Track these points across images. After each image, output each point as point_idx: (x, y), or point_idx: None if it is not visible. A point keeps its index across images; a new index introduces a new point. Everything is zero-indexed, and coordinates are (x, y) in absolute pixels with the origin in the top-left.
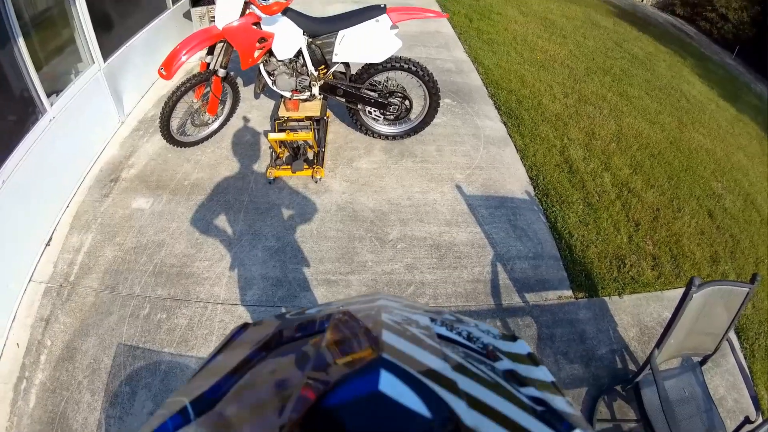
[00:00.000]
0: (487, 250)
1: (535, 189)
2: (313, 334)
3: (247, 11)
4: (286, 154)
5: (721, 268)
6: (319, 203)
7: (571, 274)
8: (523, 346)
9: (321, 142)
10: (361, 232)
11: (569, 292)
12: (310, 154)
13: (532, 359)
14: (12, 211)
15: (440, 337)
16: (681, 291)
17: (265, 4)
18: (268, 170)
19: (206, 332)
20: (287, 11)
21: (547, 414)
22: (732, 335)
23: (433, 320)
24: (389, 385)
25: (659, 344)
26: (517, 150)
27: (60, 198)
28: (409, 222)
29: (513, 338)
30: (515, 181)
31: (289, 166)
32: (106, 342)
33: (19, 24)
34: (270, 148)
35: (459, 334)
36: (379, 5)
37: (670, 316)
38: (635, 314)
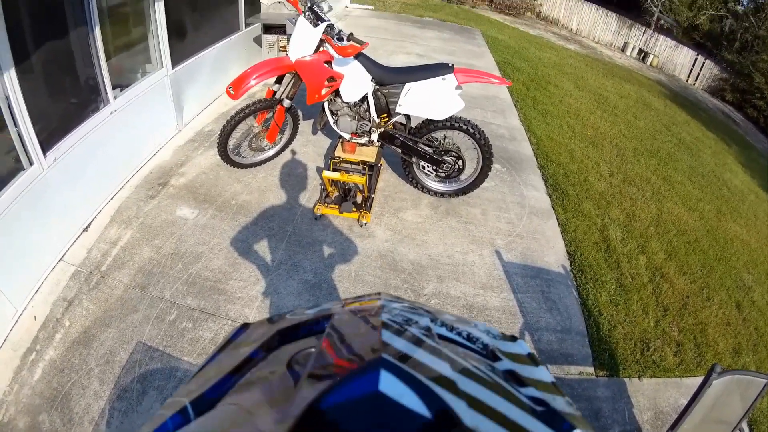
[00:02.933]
0: (517, 318)
1: (571, 264)
2: (313, 334)
3: (322, 48)
4: (336, 193)
5: (742, 360)
6: (361, 247)
7: (596, 351)
8: (523, 347)
9: (372, 187)
10: (397, 282)
11: (591, 369)
12: (359, 198)
13: (532, 359)
14: (58, 189)
15: (440, 337)
16: (700, 379)
17: (340, 45)
18: (316, 206)
19: None
20: (360, 56)
21: (547, 414)
22: (745, 426)
23: (433, 320)
24: (389, 385)
25: (673, 427)
26: (559, 224)
27: (106, 189)
28: (446, 279)
29: (513, 339)
30: (553, 254)
31: (337, 206)
32: (126, 337)
33: (98, 13)
34: (321, 185)
35: (459, 334)
36: (448, 64)
37: (688, 401)
38: (652, 398)
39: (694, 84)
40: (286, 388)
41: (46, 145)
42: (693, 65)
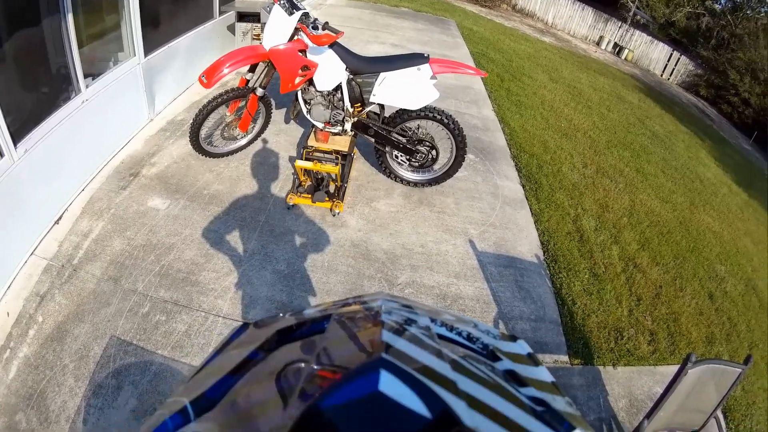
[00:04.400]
0: (491, 307)
1: (544, 254)
2: (312, 334)
3: (296, 37)
4: (309, 183)
5: (715, 349)
6: (333, 237)
7: (570, 340)
8: (523, 347)
9: (345, 177)
10: (371, 271)
11: (565, 358)
12: (332, 188)
13: (532, 359)
14: (29, 181)
15: (440, 337)
16: (674, 367)
17: (315, 33)
18: (289, 196)
19: (203, 342)
20: (334, 45)
21: (547, 414)
22: (719, 414)
23: (433, 320)
24: (389, 385)
25: (649, 415)
26: (532, 213)
27: (77, 180)
28: (419, 269)
29: (513, 338)
30: (526, 244)
31: (310, 195)
32: (100, 331)
33: (71, 1)
34: (293, 174)
35: (459, 334)
36: (423, 54)
37: (663, 389)
38: (627, 386)
39: (669, 79)
40: (286, 388)
41: (17, 137)
42: (668, 61)
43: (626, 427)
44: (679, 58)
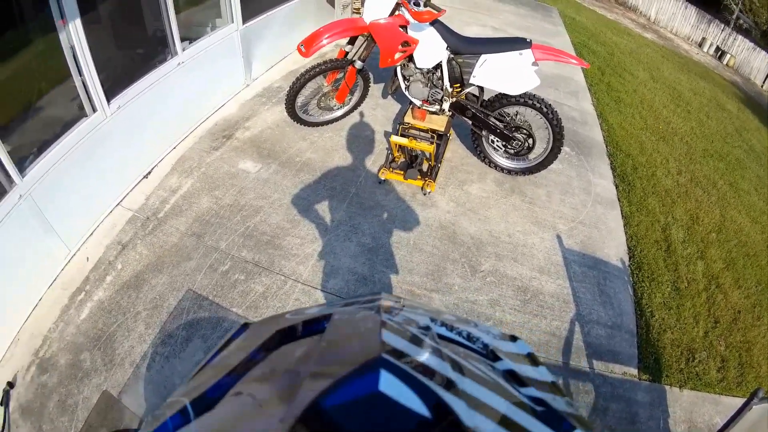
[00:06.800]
0: (570, 307)
1: (630, 259)
2: (313, 334)
3: (397, 12)
4: (402, 159)
5: None
6: (422, 216)
7: (642, 353)
8: (523, 347)
9: (438, 157)
10: (455, 255)
11: (635, 371)
12: (425, 166)
13: (532, 359)
14: (120, 137)
15: (440, 337)
16: (739, 401)
17: (416, 10)
18: (381, 170)
19: (279, 305)
20: (435, 22)
21: (547, 414)
22: None
23: (433, 320)
24: (389, 385)
25: None
26: (623, 216)
27: (169, 138)
28: (504, 258)
29: (513, 338)
30: (613, 247)
31: (402, 172)
32: (177, 284)
33: None
34: (388, 149)
35: (459, 334)
36: (526, 39)
37: (724, 422)
38: (689, 411)
39: None
40: (286, 388)
41: (110, 94)
42: None
43: None
44: None
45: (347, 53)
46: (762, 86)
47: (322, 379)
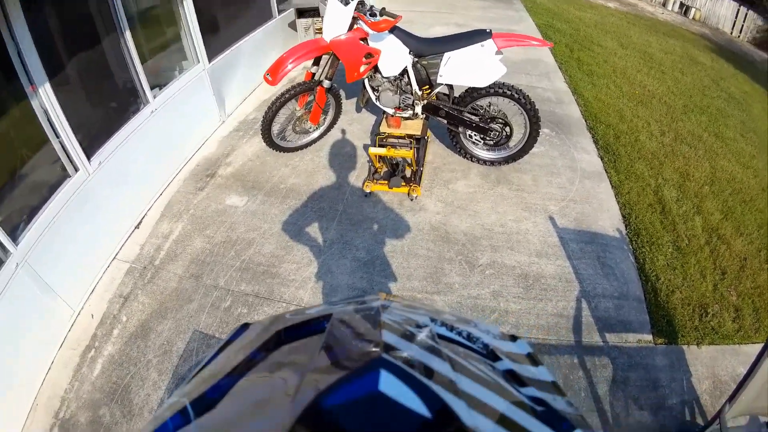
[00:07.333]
0: (574, 285)
1: (626, 227)
2: (313, 334)
3: (355, 26)
4: (384, 169)
5: None
6: (412, 221)
7: (654, 318)
8: (523, 346)
9: (420, 161)
10: (451, 254)
11: (649, 337)
12: (408, 172)
13: (532, 359)
14: (106, 191)
15: (440, 336)
16: (759, 346)
17: (373, 20)
18: (365, 183)
19: None
20: (395, 29)
21: (547, 414)
22: None
23: (433, 320)
24: (389, 385)
25: (731, 399)
26: (612, 186)
27: (154, 186)
28: (500, 249)
29: (513, 338)
30: (607, 218)
31: (386, 182)
32: (183, 327)
33: (127, 19)
34: (368, 161)
35: (459, 334)
36: (485, 30)
37: (746, 370)
38: (711, 366)
39: (739, 36)
40: (285, 388)
41: (89, 151)
42: (736, 17)
43: (709, 411)
44: (746, 14)
45: (314, 74)
46: (731, 33)
47: (321, 379)
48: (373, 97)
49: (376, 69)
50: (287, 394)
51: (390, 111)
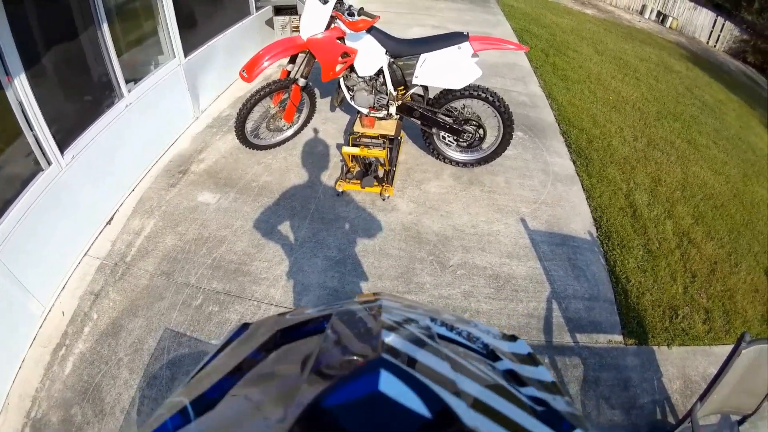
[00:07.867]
0: (545, 286)
1: (597, 230)
2: (313, 334)
3: (333, 25)
4: (357, 169)
5: None
6: (384, 221)
7: (624, 319)
8: (523, 346)
9: (393, 161)
10: (422, 254)
11: (620, 337)
12: (381, 172)
13: (532, 359)
14: (79, 186)
15: (440, 337)
16: (729, 347)
17: (351, 20)
18: (338, 183)
19: None
20: (372, 30)
21: (547, 414)
22: None
23: (433, 320)
24: (389, 385)
25: (702, 398)
26: (584, 190)
27: (126, 181)
28: (471, 250)
29: (513, 338)
30: (579, 221)
31: (359, 181)
32: (154, 325)
33: (105, 12)
34: (341, 161)
35: (459, 334)
36: (462, 33)
37: (717, 370)
38: (681, 366)
39: (715, 46)
40: (286, 388)
41: (63, 145)
42: (713, 27)
43: (680, 410)
44: (723, 24)
45: (289, 72)
46: (707, 42)
47: (322, 379)
48: (348, 97)
49: (351, 68)
50: (287, 394)
51: (364, 111)
